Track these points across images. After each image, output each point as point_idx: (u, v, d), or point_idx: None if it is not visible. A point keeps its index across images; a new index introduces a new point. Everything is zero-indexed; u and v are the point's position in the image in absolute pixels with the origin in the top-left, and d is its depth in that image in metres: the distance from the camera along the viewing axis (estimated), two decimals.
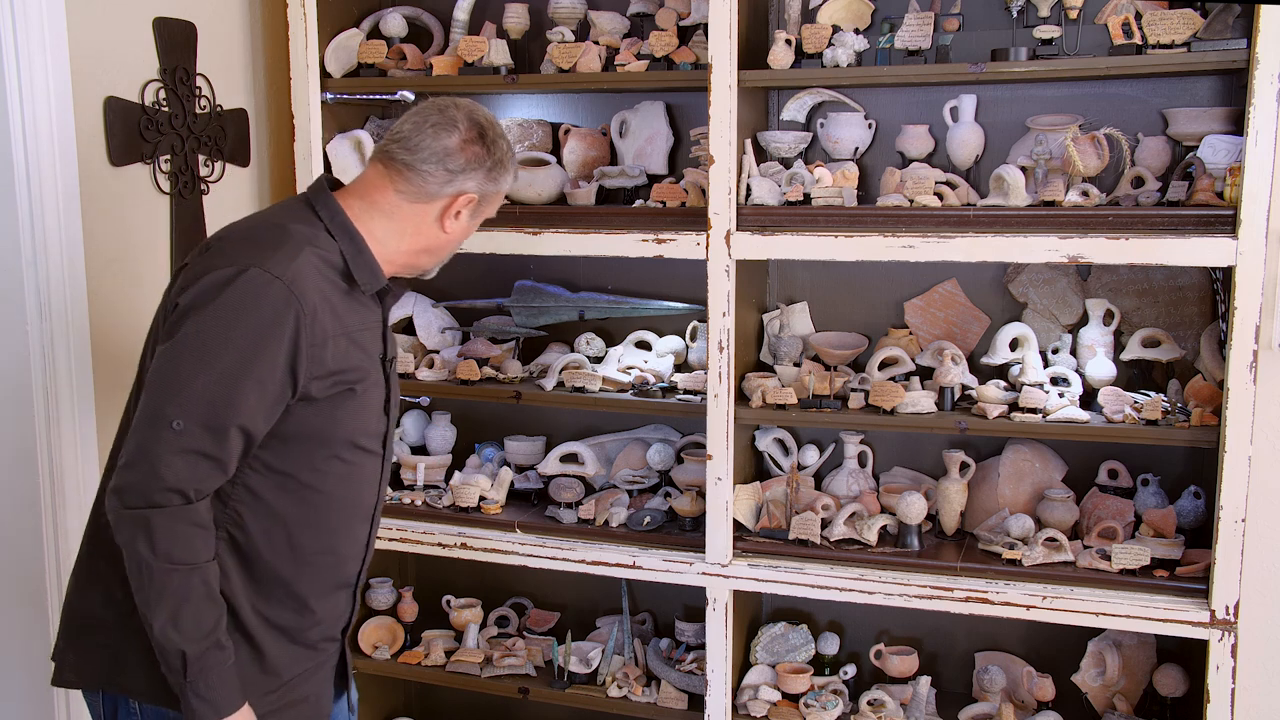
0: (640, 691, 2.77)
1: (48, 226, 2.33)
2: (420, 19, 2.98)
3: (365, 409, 1.78)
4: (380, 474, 1.87)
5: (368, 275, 1.76)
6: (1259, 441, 2.41)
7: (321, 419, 1.70)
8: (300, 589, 1.77)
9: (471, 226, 1.87)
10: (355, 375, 1.73)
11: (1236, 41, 2.21)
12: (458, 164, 1.76)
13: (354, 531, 1.84)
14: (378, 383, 1.80)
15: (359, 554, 1.87)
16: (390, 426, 1.88)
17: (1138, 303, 2.62)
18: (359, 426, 1.77)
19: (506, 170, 1.83)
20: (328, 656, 1.88)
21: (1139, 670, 2.62)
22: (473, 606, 3.06)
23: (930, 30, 2.43)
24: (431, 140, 1.76)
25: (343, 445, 1.75)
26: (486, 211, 1.88)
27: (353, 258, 1.74)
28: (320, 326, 1.65)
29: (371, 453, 1.82)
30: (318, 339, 1.65)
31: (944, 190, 2.48)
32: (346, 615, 1.89)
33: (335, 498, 1.77)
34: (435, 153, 1.75)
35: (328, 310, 1.67)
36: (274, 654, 1.77)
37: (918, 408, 2.52)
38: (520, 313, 2.98)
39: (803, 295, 2.88)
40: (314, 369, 1.65)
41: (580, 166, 2.87)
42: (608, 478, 2.97)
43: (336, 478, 1.76)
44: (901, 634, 2.87)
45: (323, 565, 1.80)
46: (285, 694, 1.81)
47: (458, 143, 1.76)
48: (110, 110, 2.49)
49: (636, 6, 2.76)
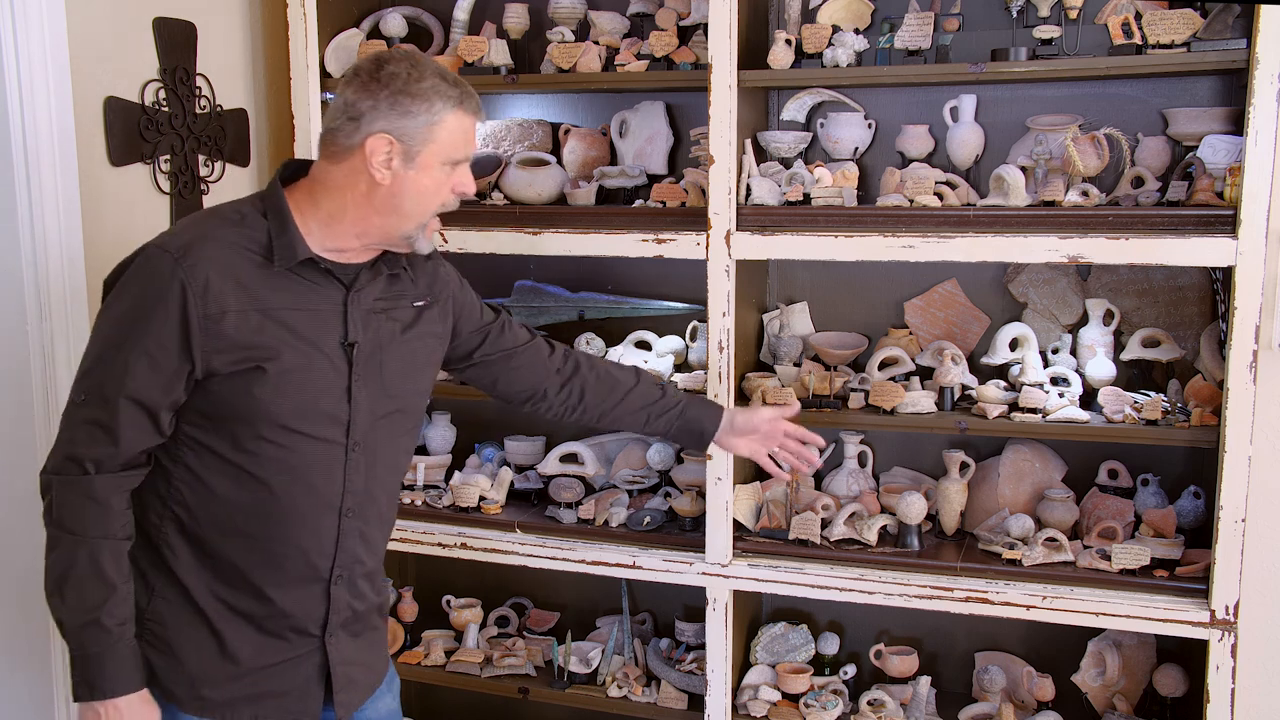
0: (640, 691, 2.77)
1: (48, 227, 2.33)
2: (420, 19, 2.98)
3: (294, 389, 1.70)
4: (347, 465, 1.78)
5: (284, 252, 1.71)
6: (1259, 441, 2.41)
7: (236, 396, 1.67)
8: (255, 577, 1.75)
9: (426, 176, 1.72)
10: (264, 353, 1.68)
11: (1236, 41, 2.21)
12: (358, 109, 1.69)
13: (315, 523, 1.77)
14: (322, 366, 1.73)
15: (327, 549, 1.79)
16: (360, 417, 1.78)
17: (1138, 303, 2.62)
18: (288, 408, 1.70)
19: (414, 97, 1.68)
20: (304, 653, 1.82)
21: (1139, 670, 2.62)
22: (473, 606, 3.06)
23: (930, 30, 2.43)
24: (338, 96, 1.73)
25: (268, 426, 1.70)
26: (434, 153, 1.71)
27: (276, 235, 1.72)
28: (215, 299, 1.64)
29: (318, 439, 1.74)
30: (212, 311, 1.64)
31: (944, 190, 2.48)
32: (321, 613, 1.82)
33: (278, 483, 1.73)
34: (339, 106, 1.72)
35: (231, 283, 1.66)
36: (234, 640, 1.76)
37: (918, 408, 2.52)
38: (520, 313, 2.98)
39: (803, 295, 2.88)
40: (211, 342, 1.64)
41: (580, 166, 2.87)
42: (608, 478, 2.97)
43: (273, 461, 1.71)
44: (901, 634, 2.87)
45: (278, 555, 1.76)
46: (252, 684, 1.78)
47: (355, 88, 1.71)
48: (110, 110, 2.49)
49: (636, 6, 2.76)
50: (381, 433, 1.83)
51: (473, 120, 1.75)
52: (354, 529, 1.82)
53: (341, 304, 1.77)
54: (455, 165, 1.76)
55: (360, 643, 1.89)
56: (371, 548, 1.88)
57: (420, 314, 1.90)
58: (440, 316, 1.95)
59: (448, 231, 2.72)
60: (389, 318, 1.84)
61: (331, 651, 1.84)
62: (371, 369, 1.80)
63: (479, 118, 1.77)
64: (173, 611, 1.76)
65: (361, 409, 1.78)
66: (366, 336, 1.79)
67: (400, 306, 1.87)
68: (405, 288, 1.88)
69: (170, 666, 1.76)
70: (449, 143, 1.72)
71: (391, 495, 1.92)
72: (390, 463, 1.88)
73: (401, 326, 1.86)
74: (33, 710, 2.48)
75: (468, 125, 1.74)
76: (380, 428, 1.82)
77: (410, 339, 1.87)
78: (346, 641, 1.86)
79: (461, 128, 1.73)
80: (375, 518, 1.87)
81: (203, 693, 1.76)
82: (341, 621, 1.85)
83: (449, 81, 1.71)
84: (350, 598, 1.86)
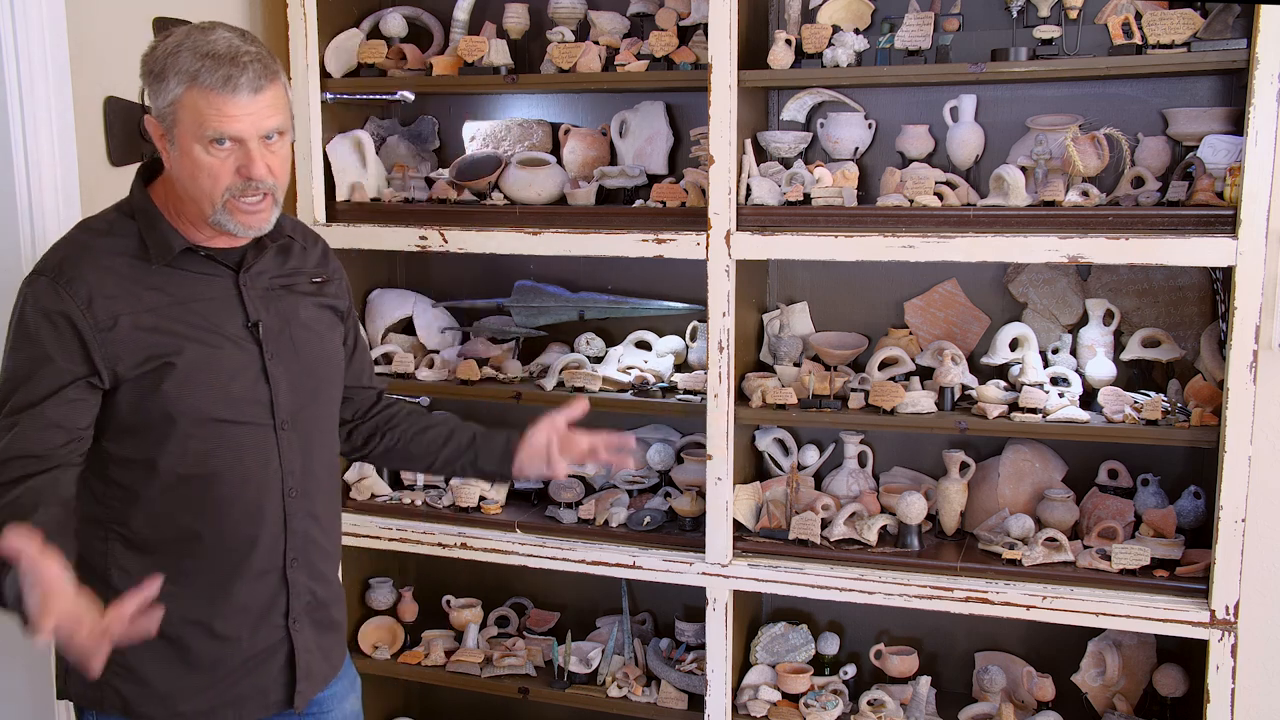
0: (640, 691, 2.77)
1: (48, 227, 2.33)
2: (420, 19, 2.98)
3: (206, 379, 1.69)
4: (280, 445, 1.76)
5: (160, 248, 1.71)
6: (1259, 441, 2.41)
7: (149, 399, 1.66)
8: (211, 576, 1.74)
9: (187, 157, 1.64)
10: (167, 349, 1.67)
11: (1236, 41, 2.21)
12: (149, 97, 1.67)
13: (260, 510, 1.76)
14: (230, 351, 1.72)
15: (277, 534, 1.78)
16: (281, 395, 1.76)
17: (1138, 303, 2.62)
18: (205, 399, 1.69)
19: (156, 76, 1.63)
20: (272, 644, 1.81)
21: (1139, 670, 2.62)
22: (473, 606, 3.06)
23: (930, 30, 2.43)
24: None
25: (190, 422, 1.68)
26: (185, 132, 1.63)
27: (147, 233, 1.71)
28: (104, 308, 1.64)
29: (243, 424, 1.73)
30: (103, 321, 1.63)
31: (944, 190, 2.48)
32: (282, 601, 1.81)
33: (215, 478, 1.71)
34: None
35: (115, 290, 1.66)
36: (198, 648, 1.75)
37: (918, 408, 2.52)
38: (520, 313, 2.98)
39: (803, 295, 2.88)
40: (110, 349, 1.64)
41: (580, 166, 2.87)
42: (608, 478, 2.97)
43: (203, 457, 1.70)
44: (901, 634, 2.87)
45: (229, 549, 1.74)
46: (228, 688, 1.78)
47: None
48: (110, 110, 2.49)
49: (636, 6, 2.76)
50: (308, 409, 1.82)
51: (219, 95, 1.60)
52: (300, 509, 1.81)
53: (234, 286, 1.76)
54: (222, 143, 1.63)
55: (322, 636, 1.89)
56: (324, 527, 1.87)
57: (320, 288, 1.90)
58: (336, 294, 1.94)
59: (448, 231, 2.72)
60: (290, 292, 1.83)
61: (296, 639, 1.83)
62: (283, 345, 1.79)
63: (231, 91, 1.61)
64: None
65: (282, 386, 1.77)
66: (270, 314, 1.78)
67: (299, 281, 1.86)
68: (299, 262, 1.87)
69: (140, 692, 1.74)
70: (193, 121, 1.61)
71: (332, 470, 1.91)
72: (324, 439, 1.88)
73: (303, 301, 1.85)
74: (33, 710, 2.48)
75: (215, 101, 1.60)
76: (306, 403, 1.81)
77: (314, 311, 1.87)
78: (310, 630, 1.86)
79: (203, 104, 1.60)
80: (320, 495, 1.86)
81: (179, 708, 1.76)
82: (304, 607, 1.84)
83: (196, 54, 1.61)
84: (310, 581, 1.85)
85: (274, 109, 1.66)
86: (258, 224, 1.70)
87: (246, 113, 1.63)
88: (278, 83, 1.68)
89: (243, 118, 1.63)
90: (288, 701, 1.84)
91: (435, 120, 3.11)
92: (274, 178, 1.69)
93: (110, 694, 1.75)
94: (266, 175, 1.67)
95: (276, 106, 1.67)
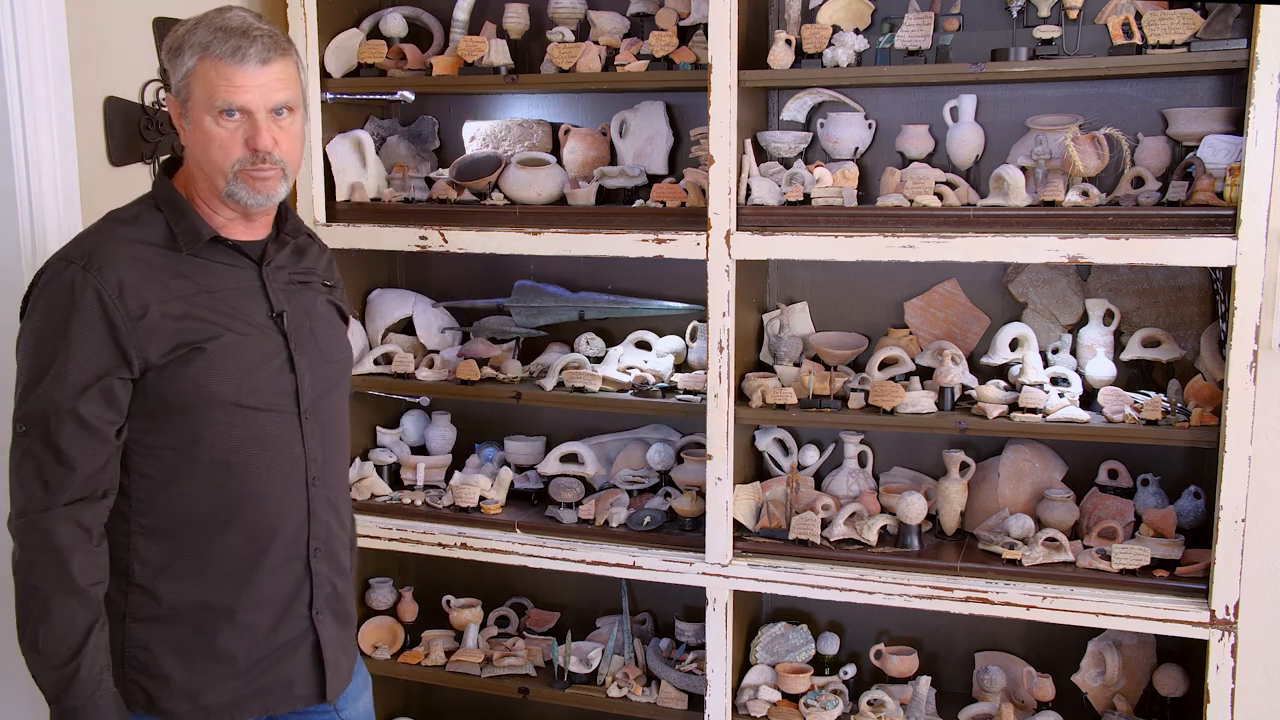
0: (640, 691, 2.77)
1: (48, 227, 2.33)
2: (420, 19, 2.98)
3: (235, 364, 1.72)
4: (304, 434, 1.79)
5: (189, 236, 1.73)
6: (1259, 441, 2.41)
7: (178, 384, 1.67)
8: (235, 566, 1.75)
9: (199, 129, 1.69)
10: (199, 335, 1.69)
11: (1236, 41, 2.21)
12: (169, 75, 1.72)
13: (285, 498, 1.78)
14: (258, 339, 1.75)
15: (302, 522, 1.80)
16: (306, 386, 1.80)
17: (1138, 303, 2.62)
18: (233, 385, 1.71)
19: (173, 52, 1.69)
20: (296, 635, 1.82)
21: (1139, 670, 2.62)
22: (473, 606, 3.06)
23: (930, 30, 2.43)
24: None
25: (219, 407, 1.70)
26: (197, 104, 1.68)
27: (176, 223, 1.73)
28: (134, 297, 1.65)
29: (270, 411, 1.75)
30: (133, 310, 1.64)
31: (944, 190, 2.48)
32: (306, 591, 1.83)
33: (241, 465, 1.73)
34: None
35: (145, 279, 1.67)
36: (224, 638, 1.75)
37: (918, 408, 2.52)
38: (520, 313, 2.98)
39: (803, 295, 2.88)
40: (142, 337, 1.65)
41: (580, 166, 2.87)
42: (608, 478, 2.97)
43: (230, 444, 1.72)
44: (901, 634, 2.87)
45: (254, 537, 1.75)
46: (255, 678, 1.78)
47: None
48: (110, 110, 2.49)
49: (636, 6, 2.76)
50: (326, 399, 1.85)
51: (228, 64, 1.65)
52: (322, 498, 1.84)
53: (258, 279, 1.80)
54: (231, 115, 1.68)
55: (341, 629, 1.91)
56: (340, 516, 1.90)
57: (330, 291, 1.95)
58: (341, 301, 2.00)
59: (448, 231, 2.72)
60: (309, 288, 1.88)
61: (321, 631, 1.85)
62: (305, 336, 1.82)
63: (239, 61, 1.65)
64: (153, 630, 1.74)
65: (305, 377, 1.80)
66: (293, 306, 1.82)
67: (313, 282, 1.90)
68: (313, 264, 1.92)
69: (163, 688, 1.75)
70: (204, 91, 1.67)
71: (346, 461, 1.95)
72: (341, 429, 1.91)
73: (319, 298, 1.90)
74: (33, 710, 2.48)
75: (225, 71, 1.65)
76: (324, 394, 1.84)
77: (328, 308, 1.93)
78: (331, 622, 1.87)
79: (213, 74, 1.65)
80: (338, 485, 1.89)
81: (203, 701, 1.76)
82: (326, 598, 1.86)
83: (210, 28, 1.67)
84: (330, 572, 1.87)
85: (283, 83, 1.70)
86: (266, 190, 1.73)
87: (255, 84, 1.66)
88: (288, 58, 1.71)
89: (251, 89, 1.67)
90: (315, 695, 1.85)
91: (435, 120, 3.11)
92: (281, 152, 1.72)
93: (134, 690, 1.75)
94: (273, 147, 1.69)
95: (285, 81, 1.70)
